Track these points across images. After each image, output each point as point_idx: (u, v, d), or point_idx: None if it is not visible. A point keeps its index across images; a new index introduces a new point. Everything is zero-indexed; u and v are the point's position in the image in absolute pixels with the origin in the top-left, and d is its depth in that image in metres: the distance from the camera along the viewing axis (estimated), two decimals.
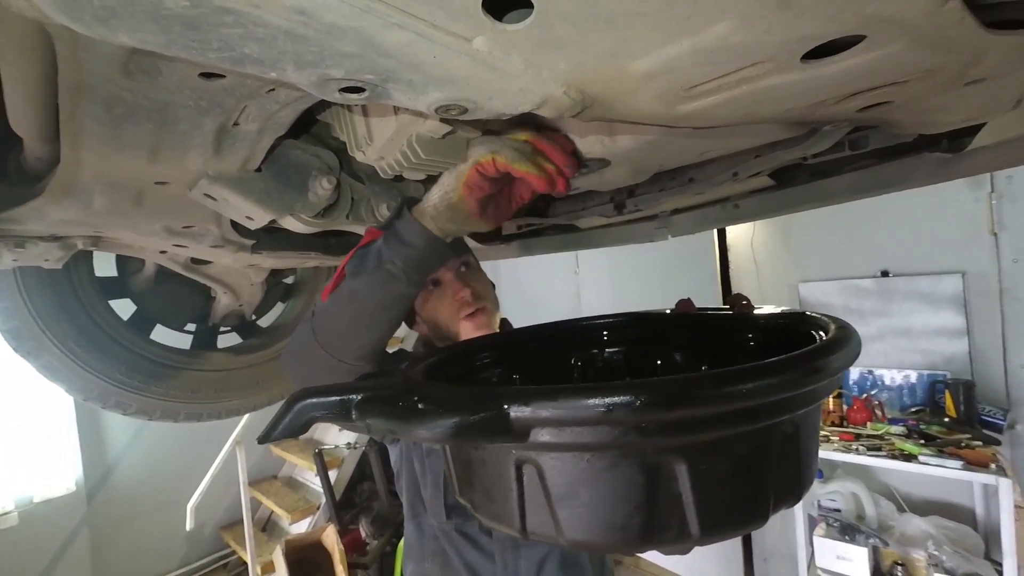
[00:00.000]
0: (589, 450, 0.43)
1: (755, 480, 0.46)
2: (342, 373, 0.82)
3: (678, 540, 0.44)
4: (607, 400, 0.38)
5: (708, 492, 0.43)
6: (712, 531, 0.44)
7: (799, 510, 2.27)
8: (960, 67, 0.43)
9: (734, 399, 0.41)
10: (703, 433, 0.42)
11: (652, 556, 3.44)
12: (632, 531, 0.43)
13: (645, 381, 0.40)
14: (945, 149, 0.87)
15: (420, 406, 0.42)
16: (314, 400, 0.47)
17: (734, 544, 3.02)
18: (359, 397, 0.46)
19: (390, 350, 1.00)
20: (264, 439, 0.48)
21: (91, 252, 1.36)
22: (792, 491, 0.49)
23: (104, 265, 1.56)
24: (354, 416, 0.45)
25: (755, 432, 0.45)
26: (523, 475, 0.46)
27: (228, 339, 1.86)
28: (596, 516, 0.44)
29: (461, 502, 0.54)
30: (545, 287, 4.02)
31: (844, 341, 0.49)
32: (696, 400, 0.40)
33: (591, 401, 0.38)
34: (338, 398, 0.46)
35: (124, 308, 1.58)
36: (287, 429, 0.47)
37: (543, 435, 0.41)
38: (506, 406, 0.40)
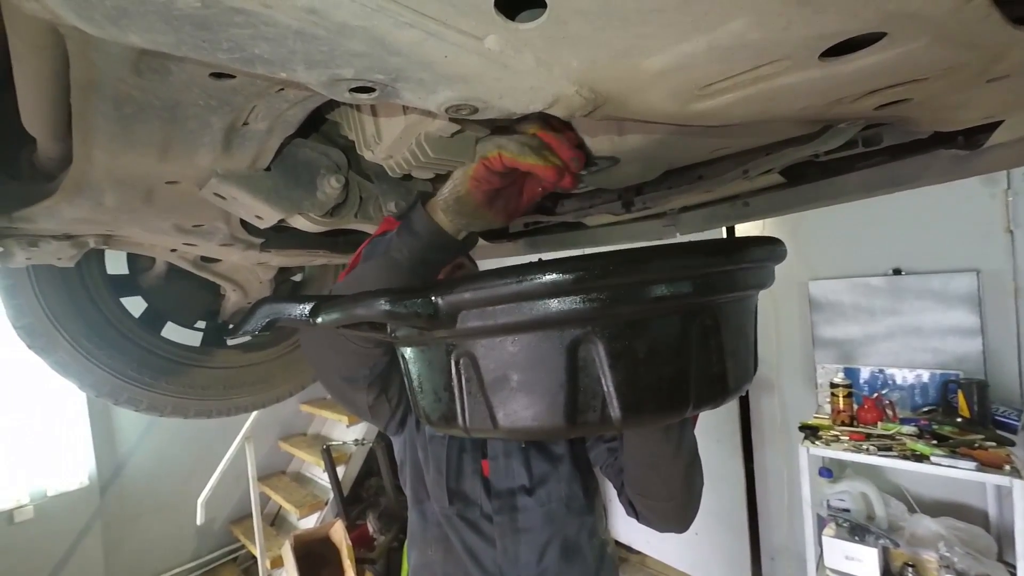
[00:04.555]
0: (512, 331, 0.47)
1: (674, 369, 0.48)
2: (350, 353, 0.83)
3: (602, 423, 0.47)
4: (518, 277, 0.43)
5: (627, 374, 0.46)
6: (632, 414, 0.47)
7: (807, 509, 2.26)
8: (983, 64, 0.42)
9: (632, 272, 0.44)
10: (612, 307, 0.44)
11: (659, 553, 3.43)
12: (558, 412, 0.47)
13: (551, 259, 0.44)
14: (961, 146, 0.85)
15: (361, 297, 0.48)
16: (275, 304, 0.53)
17: (741, 542, 3.00)
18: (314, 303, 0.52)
19: None
20: (231, 335, 0.56)
21: (103, 250, 1.37)
22: (716, 388, 0.51)
23: (116, 263, 1.57)
24: (309, 317, 0.50)
25: (669, 316, 0.48)
26: (460, 367, 0.51)
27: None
28: (525, 400, 0.48)
29: (421, 416, 0.60)
30: None
31: (759, 240, 0.52)
32: (598, 272, 0.43)
33: (504, 279, 0.43)
34: (296, 303, 0.52)
35: (135, 305, 1.60)
36: (252, 328, 0.53)
37: (471, 319, 0.47)
38: (433, 295, 0.46)
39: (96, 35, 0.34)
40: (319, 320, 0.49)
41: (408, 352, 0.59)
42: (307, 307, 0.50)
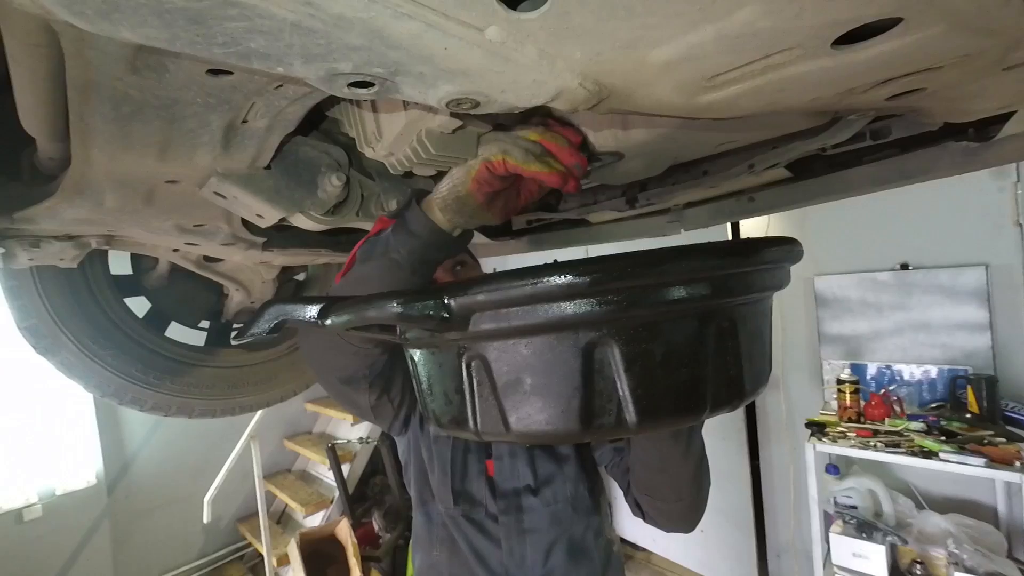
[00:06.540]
0: (525, 334, 0.46)
1: (691, 372, 0.47)
2: (348, 354, 0.82)
3: (618, 427, 0.46)
4: (532, 279, 0.42)
5: (643, 377, 0.45)
6: (649, 418, 0.46)
7: (814, 506, 2.24)
8: (1001, 51, 0.40)
9: (650, 274, 0.43)
10: (628, 309, 0.43)
11: (665, 550, 3.42)
12: (572, 416, 0.46)
13: (566, 261, 0.43)
14: (972, 138, 0.84)
15: (373, 299, 0.47)
16: (283, 306, 0.52)
17: (747, 540, 2.99)
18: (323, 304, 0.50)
19: None
20: (239, 337, 0.55)
21: (106, 251, 1.37)
22: (733, 392, 0.50)
23: (119, 263, 1.57)
24: (318, 318, 0.48)
25: (686, 319, 0.47)
26: (472, 370, 0.50)
27: None
28: (539, 403, 0.47)
29: (427, 412, 0.59)
30: None
31: (777, 240, 0.51)
32: (615, 274, 0.42)
33: (519, 281, 0.42)
34: (305, 305, 0.51)
35: (139, 306, 1.60)
36: (260, 330, 0.52)
37: (484, 322, 0.46)
38: (446, 297, 0.45)
39: (88, 30, 0.34)
40: (328, 322, 0.47)
41: (417, 355, 0.58)
42: (316, 309, 0.49)
